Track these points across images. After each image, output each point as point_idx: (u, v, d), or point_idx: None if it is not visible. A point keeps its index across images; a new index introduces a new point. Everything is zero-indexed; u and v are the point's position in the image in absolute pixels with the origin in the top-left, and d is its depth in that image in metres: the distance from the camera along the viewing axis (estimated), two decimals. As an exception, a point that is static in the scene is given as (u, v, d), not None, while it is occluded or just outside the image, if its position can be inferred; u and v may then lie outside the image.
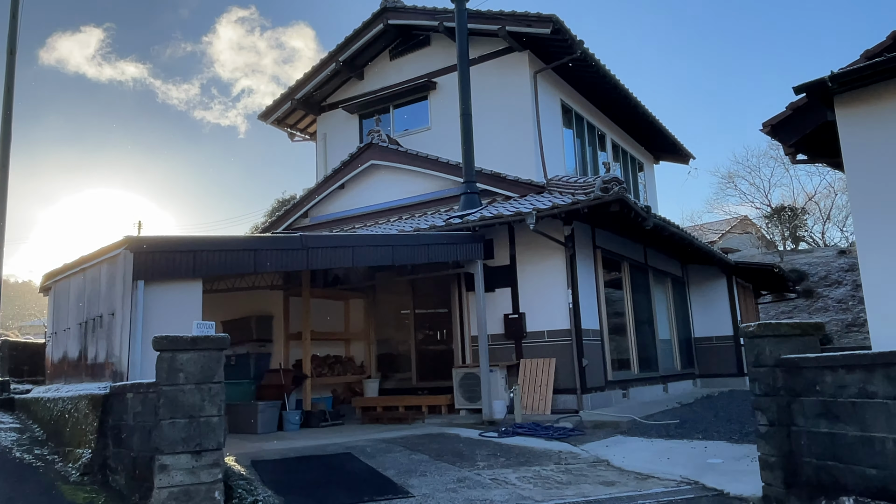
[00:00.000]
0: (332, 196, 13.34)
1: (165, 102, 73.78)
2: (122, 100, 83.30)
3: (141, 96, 79.66)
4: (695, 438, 7.55)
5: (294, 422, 9.78)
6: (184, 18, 67.31)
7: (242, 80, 78.08)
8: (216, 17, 76.86)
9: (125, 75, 66.30)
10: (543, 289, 10.13)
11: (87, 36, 65.67)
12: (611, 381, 10.57)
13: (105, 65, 63.37)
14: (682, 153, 18.37)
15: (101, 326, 6.34)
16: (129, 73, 67.10)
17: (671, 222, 10.95)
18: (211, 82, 74.38)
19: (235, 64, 67.92)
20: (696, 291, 15.69)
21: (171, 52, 71.57)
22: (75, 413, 5.80)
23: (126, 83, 69.14)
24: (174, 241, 6.35)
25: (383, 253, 8.28)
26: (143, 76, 68.49)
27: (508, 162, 11.72)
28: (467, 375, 10.10)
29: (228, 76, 71.46)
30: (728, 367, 15.14)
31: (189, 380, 4.52)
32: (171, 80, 67.33)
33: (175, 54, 73.17)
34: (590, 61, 12.12)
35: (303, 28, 74.40)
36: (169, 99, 72.16)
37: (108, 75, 65.40)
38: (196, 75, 75.83)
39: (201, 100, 71.63)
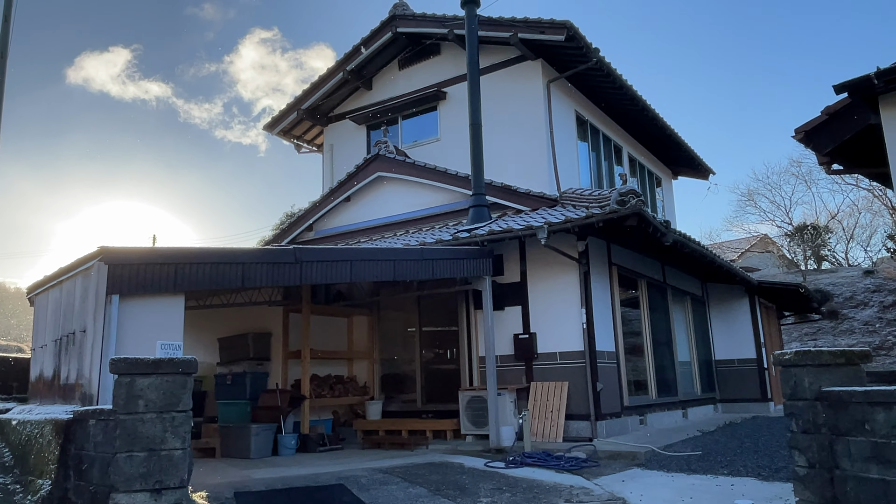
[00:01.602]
0: (338, 209, 12.89)
1: (187, 121, 74.58)
2: (146, 118, 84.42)
3: (163, 115, 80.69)
4: (719, 473, 6.91)
5: (290, 446, 9.25)
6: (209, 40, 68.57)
7: (263, 100, 78.73)
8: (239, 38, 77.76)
9: (149, 94, 67.21)
10: (556, 308, 9.55)
11: (115, 56, 66.74)
12: (627, 407, 9.92)
13: (129, 84, 64.28)
14: (702, 168, 17.75)
15: (74, 344, 5.89)
16: (152, 91, 67.99)
17: (692, 238, 10.35)
18: (233, 102, 75.12)
19: (257, 84, 68.59)
20: (717, 311, 14.99)
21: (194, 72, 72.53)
22: (40, 439, 5.33)
23: (149, 102, 70.10)
24: (153, 253, 5.89)
25: (384, 268, 7.78)
26: (167, 95, 69.33)
27: (520, 174, 11.21)
28: (474, 399, 9.52)
29: (250, 96, 72.15)
30: (751, 391, 14.39)
31: (150, 408, 4.01)
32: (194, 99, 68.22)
33: (198, 74, 74.07)
34: (605, 70, 11.62)
35: (323, 49, 74.98)
36: (191, 118, 72.99)
37: (132, 94, 66.33)
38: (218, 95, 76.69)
39: (223, 119, 72.27)
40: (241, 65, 66.57)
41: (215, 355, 11.09)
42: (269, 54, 64.06)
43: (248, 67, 66.02)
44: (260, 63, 63.11)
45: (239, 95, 74.60)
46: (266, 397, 9.81)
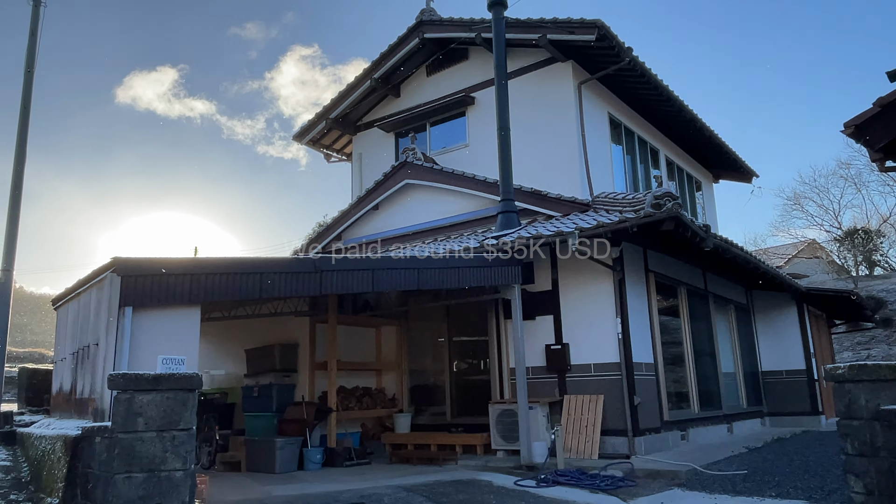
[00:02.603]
0: (366, 217, 12.73)
1: (231, 137, 76.17)
2: (191, 135, 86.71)
3: (208, 132, 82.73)
4: (767, 495, 6.40)
5: (315, 461, 9.03)
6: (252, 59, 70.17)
7: (303, 115, 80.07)
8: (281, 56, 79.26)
9: (194, 112, 69.02)
10: (589, 317, 9.14)
11: (162, 75, 68.85)
12: (667, 422, 9.42)
13: (175, 102, 66.12)
14: (745, 171, 17.06)
15: (88, 357, 5.78)
16: (197, 109, 69.82)
17: (734, 243, 9.82)
18: (274, 118, 76.49)
19: (297, 99, 69.79)
20: (763, 320, 14.29)
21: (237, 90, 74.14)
22: (52, 455, 5.21)
23: (194, 119, 71.97)
24: (168, 264, 5.75)
25: (407, 277, 7.52)
26: (211, 112, 71.09)
27: (551, 179, 10.85)
28: (505, 412, 9.16)
29: (290, 111, 73.42)
30: (800, 404, 13.65)
31: (149, 426, 3.82)
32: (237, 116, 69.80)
33: (241, 91, 75.67)
34: (639, 70, 11.19)
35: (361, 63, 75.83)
36: (234, 134, 74.58)
37: (178, 112, 68.23)
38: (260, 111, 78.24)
39: (265, 134, 73.69)
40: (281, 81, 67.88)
41: (243, 367, 11.00)
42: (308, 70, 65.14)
43: (289, 84, 67.20)
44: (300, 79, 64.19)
45: (280, 111, 76.05)
46: (292, 410, 9.63)
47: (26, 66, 8.26)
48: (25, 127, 8.30)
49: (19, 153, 8.29)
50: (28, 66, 8.24)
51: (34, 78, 8.32)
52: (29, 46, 8.29)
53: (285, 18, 70.08)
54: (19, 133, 8.28)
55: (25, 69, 8.24)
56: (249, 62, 74.69)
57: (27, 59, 8.31)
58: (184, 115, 69.88)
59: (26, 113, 8.28)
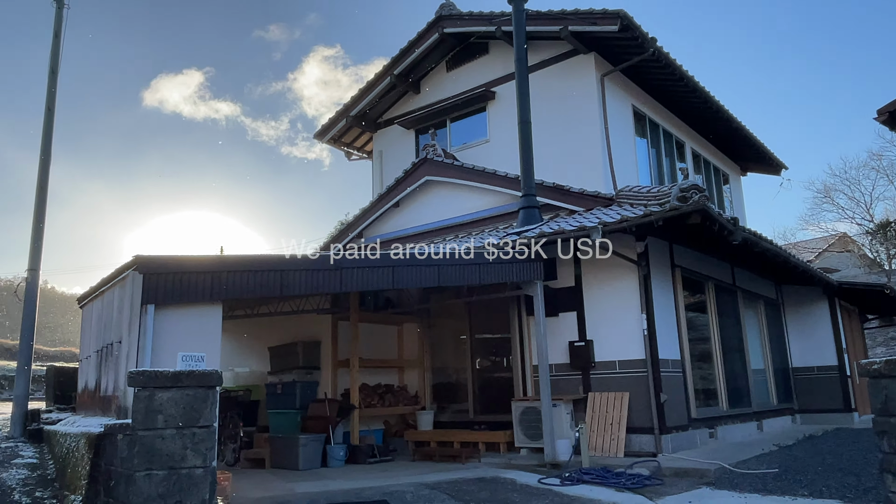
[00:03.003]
0: (387, 215, 12.70)
1: (255, 139, 76.95)
2: (216, 137, 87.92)
3: (233, 133, 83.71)
4: (799, 495, 6.22)
5: (338, 457, 9.03)
6: (276, 61, 70.86)
7: (326, 115, 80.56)
8: (304, 56, 79.93)
9: (219, 113, 69.91)
10: (614, 313, 8.99)
11: (188, 78, 69.90)
12: (695, 419, 9.23)
13: (200, 104, 67.06)
14: (773, 163, 16.68)
15: (111, 355, 5.82)
16: (222, 111, 70.71)
17: (763, 237, 9.58)
18: (297, 118, 77.09)
19: (320, 100, 70.34)
20: (794, 315, 13.97)
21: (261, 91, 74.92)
22: (76, 452, 5.25)
23: (219, 121, 72.85)
24: (189, 261, 5.75)
25: (428, 274, 7.45)
26: (236, 114, 71.93)
27: (573, 174, 10.69)
28: (528, 410, 9.06)
29: (314, 112, 74.02)
30: (832, 401, 13.31)
31: (169, 423, 3.81)
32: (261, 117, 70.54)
33: (265, 93, 76.39)
34: (664, 61, 10.98)
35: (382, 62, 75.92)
36: (259, 136, 75.33)
37: (204, 114, 69.20)
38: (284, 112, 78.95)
39: (288, 135, 74.32)
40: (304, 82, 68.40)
41: (266, 364, 11.05)
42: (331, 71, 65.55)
43: (312, 84, 67.67)
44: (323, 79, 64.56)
45: (303, 112, 76.66)
46: (315, 407, 9.63)
47: (50, 67, 8.36)
48: (50, 129, 8.41)
49: (44, 155, 8.39)
50: (52, 67, 8.34)
51: (58, 80, 8.44)
52: (53, 48, 8.39)
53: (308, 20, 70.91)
54: (44, 135, 8.39)
55: (49, 71, 8.35)
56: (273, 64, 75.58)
57: (51, 60, 8.41)
58: (209, 116, 70.92)
59: (51, 115, 8.39)
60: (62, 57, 8.61)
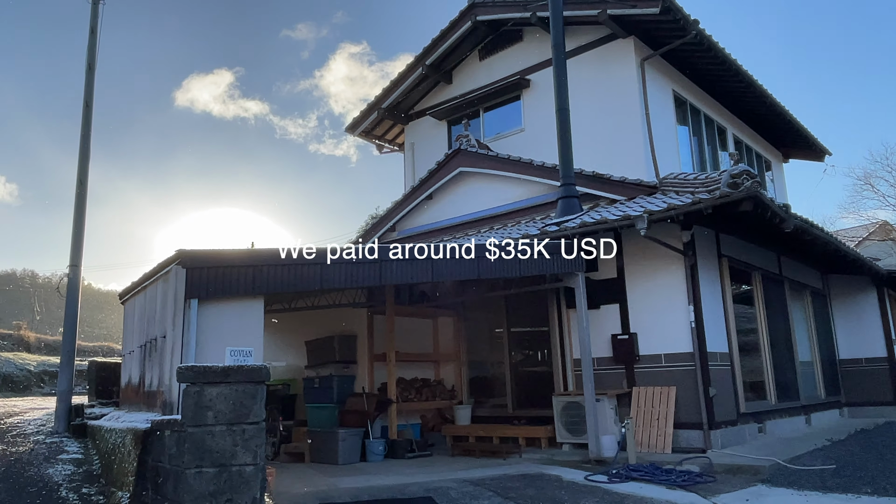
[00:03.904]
0: (420, 207, 12.55)
1: (283, 137, 77.40)
2: (246, 135, 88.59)
3: (262, 131, 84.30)
4: (862, 493, 5.93)
5: (378, 452, 8.94)
6: (304, 59, 71.19)
7: (353, 112, 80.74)
8: (330, 54, 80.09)
9: (248, 112, 70.38)
10: (658, 305, 8.72)
11: (218, 77, 70.49)
12: (744, 414, 8.93)
13: (230, 103, 67.55)
14: (817, 149, 16.15)
15: (156, 350, 5.77)
16: (251, 110, 71.14)
17: (814, 224, 9.21)
18: (325, 116, 77.27)
19: (347, 97, 70.36)
20: (840, 306, 13.50)
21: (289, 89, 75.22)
22: (122, 448, 5.21)
23: (249, 120, 73.35)
24: (231, 256, 5.67)
25: (467, 266, 7.28)
26: (265, 113, 72.29)
27: (613, 162, 10.41)
28: (570, 405, 8.85)
29: (341, 109, 74.18)
30: (882, 393, 12.85)
31: (219, 419, 3.70)
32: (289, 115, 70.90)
33: (293, 91, 76.68)
34: (706, 44, 10.62)
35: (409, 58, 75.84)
36: (287, 134, 75.75)
37: (233, 113, 69.70)
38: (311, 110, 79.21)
39: (316, 133, 74.54)
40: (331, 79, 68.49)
41: (303, 358, 11.01)
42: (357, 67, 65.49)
43: (338, 81, 67.71)
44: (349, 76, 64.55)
45: (330, 109, 76.84)
46: (353, 401, 9.56)
47: (87, 63, 8.37)
48: (88, 124, 8.42)
49: (83, 151, 8.42)
50: (89, 63, 8.34)
51: (95, 75, 8.44)
52: (90, 44, 8.39)
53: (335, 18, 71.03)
54: (83, 130, 8.41)
55: (87, 66, 8.35)
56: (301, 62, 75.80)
57: (88, 56, 8.42)
58: (239, 115, 71.43)
59: (89, 110, 8.40)
60: (98, 53, 8.60)
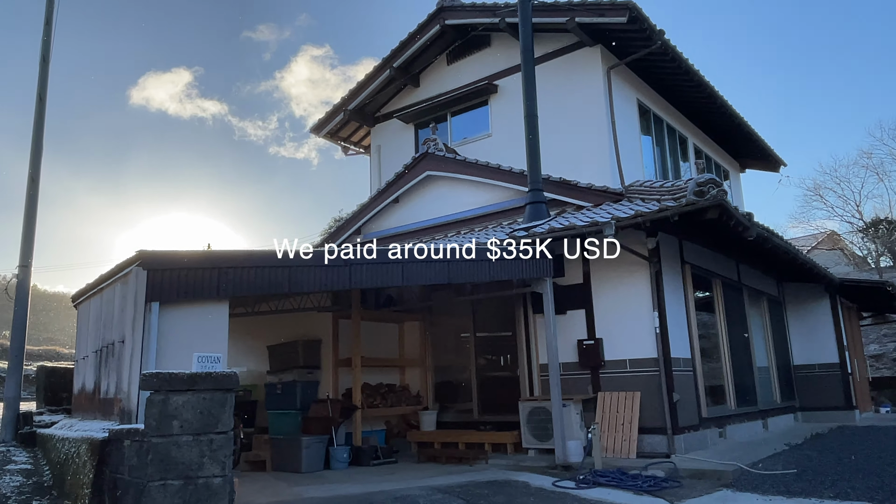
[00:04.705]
0: (386, 211, 12.43)
1: (242, 139, 75.62)
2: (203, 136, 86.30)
3: (219, 133, 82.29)
4: (825, 496, 6.05)
5: (342, 459, 8.76)
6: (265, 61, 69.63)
7: (315, 115, 79.64)
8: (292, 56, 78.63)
9: (206, 112, 68.47)
10: (624, 311, 8.79)
11: (176, 76, 68.29)
12: (705, 419, 9.07)
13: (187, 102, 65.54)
14: (773, 160, 16.63)
15: (113, 356, 5.51)
16: (209, 110, 69.25)
17: (774, 233, 9.44)
18: (286, 118, 75.85)
19: (308, 100, 69.28)
20: (795, 313, 13.89)
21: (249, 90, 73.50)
22: (77, 459, 4.94)
23: (206, 120, 71.39)
24: (195, 257, 5.47)
25: (438, 269, 7.21)
26: (223, 113, 70.49)
27: (579, 169, 10.50)
28: (536, 410, 8.84)
29: (302, 112, 72.92)
30: (834, 398, 13.26)
31: (185, 429, 3.53)
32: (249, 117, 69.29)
33: (253, 92, 74.98)
34: (671, 55, 10.81)
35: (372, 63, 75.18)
36: (246, 135, 74.05)
37: (190, 112, 67.69)
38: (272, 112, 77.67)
39: (276, 135, 73.12)
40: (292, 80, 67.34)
41: (265, 363, 10.75)
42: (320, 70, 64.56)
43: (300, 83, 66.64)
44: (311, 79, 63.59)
45: (291, 112, 75.54)
46: (317, 407, 9.36)
47: (42, 55, 7.99)
48: (42, 119, 8.05)
49: (35, 147, 8.03)
50: (43, 55, 7.96)
51: (49, 68, 8.07)
52: (44, 36, 8.01)
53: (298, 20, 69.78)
54: (35, 126, 8.02)
55: (41, 59, 7.98)
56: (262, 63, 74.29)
57: (42, 48, 8.03)
58: (196, 115, 69.50)
59: (42, 104, 8.03)
60: (53, 47, 8.23)
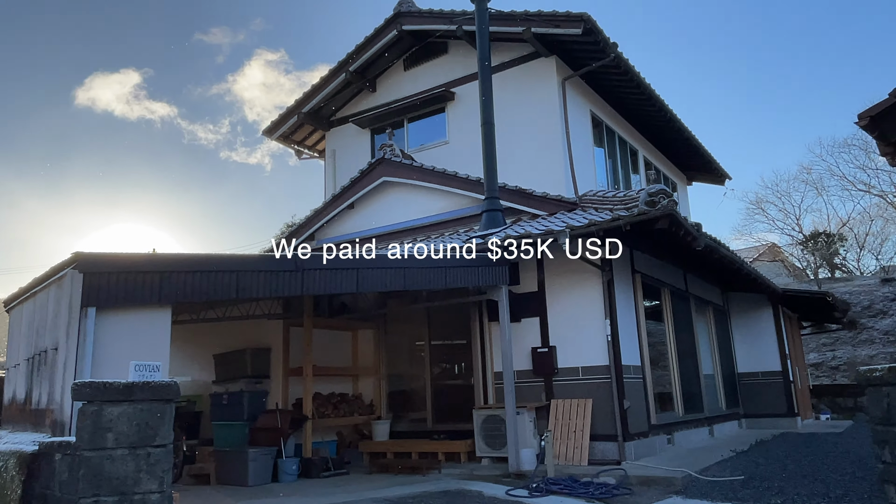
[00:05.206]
0: (341, 217, 12.24)
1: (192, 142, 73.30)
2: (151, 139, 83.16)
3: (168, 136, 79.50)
4: (771, 502, 6.17)
5: (291, 472, 8.52)
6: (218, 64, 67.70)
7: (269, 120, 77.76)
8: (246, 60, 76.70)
9: (154, 115, 65.94)
10: (577, 319, 8.85)
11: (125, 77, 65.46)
12: (655, 426, 9.19)
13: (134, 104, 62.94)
14: (719, 173, 17.10)
15: (46, 364, 5.20)
16: (158, 112, 66.70)
17: (722, 243, 9.67)
18: (238, 122, 74.01)
19: (262, 105, 67.80)
20: (739, 322, 14.27)
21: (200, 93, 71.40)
22: (4, 473, 4.61)
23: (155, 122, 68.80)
24: (136, 260, 5.22)
25: (393, 276, 7.09)
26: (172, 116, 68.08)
27: (534, 178, 10.55)
28: (490, 418, 8.80)
29: (255, 117, 71.31)
30: (777, 405, 13.65)
31: (120, 442, 3.32)
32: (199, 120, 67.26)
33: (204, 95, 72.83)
34: (623, 67, 10.99)
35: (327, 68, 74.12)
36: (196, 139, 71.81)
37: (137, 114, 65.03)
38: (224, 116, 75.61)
39: (228, 140, 71.19)
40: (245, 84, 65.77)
41: (211, 373, 10.39)
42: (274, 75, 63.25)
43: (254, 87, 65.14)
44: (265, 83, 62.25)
45: (244, 116, 73.76)
46: (265, 418, 9.08)
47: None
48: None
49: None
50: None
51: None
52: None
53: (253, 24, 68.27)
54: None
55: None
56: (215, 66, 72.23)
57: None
58: (144, 117, 66.93)
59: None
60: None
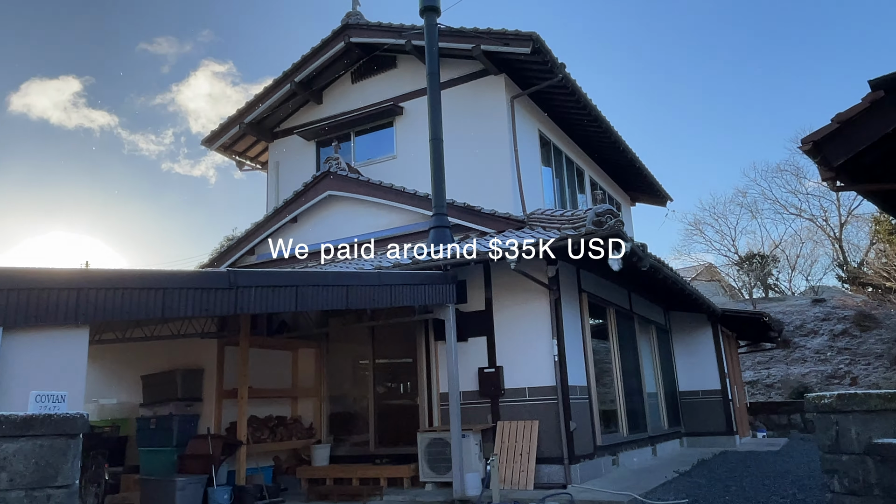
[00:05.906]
0: (284, 231, 11.82)
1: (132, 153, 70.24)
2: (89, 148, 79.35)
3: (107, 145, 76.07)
4: (715, 526, 6.13)
5: (222, 501, 8.00)
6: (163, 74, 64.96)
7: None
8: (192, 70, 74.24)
9: (93, 123, 62.91)
10: (524, 338, 8.71)
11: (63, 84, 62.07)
12: (600, 447, 9.10)
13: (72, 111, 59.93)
14: (661, 195, 17.47)
15: (-60, 390, 4.66)
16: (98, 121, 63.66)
17: (665, 264, 9.74)
18: (182, 133, 71.45)
19: (208, 116, 65.76)
20: (680, 341, 14.49)
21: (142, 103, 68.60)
22: None
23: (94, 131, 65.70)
24: (48, 275, 4.77)
25: (335, 294, 6.78)
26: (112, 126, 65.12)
27: (483, 195, 10.44)
28: (435, 441, 8.53)
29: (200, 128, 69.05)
30: (717, 424, 13.87)
31: (16, 483, 2.92)
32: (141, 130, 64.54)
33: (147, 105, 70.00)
34: (570, 88, 11.05)
35: (275, 80, 72.78)
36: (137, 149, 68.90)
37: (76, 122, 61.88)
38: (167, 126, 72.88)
39: (171, 151, 68.61)
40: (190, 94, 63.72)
41: (138, 395, 9.76)
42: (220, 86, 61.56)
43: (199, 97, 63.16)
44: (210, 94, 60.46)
45: (188, 128, 71.40)
46: (196, 444, 8.55)
47: None
48: None
49: None
50: None
51: None
52: None
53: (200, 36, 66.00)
54: None
55: None
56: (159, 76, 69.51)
57: None
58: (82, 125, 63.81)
59: None
60: None
